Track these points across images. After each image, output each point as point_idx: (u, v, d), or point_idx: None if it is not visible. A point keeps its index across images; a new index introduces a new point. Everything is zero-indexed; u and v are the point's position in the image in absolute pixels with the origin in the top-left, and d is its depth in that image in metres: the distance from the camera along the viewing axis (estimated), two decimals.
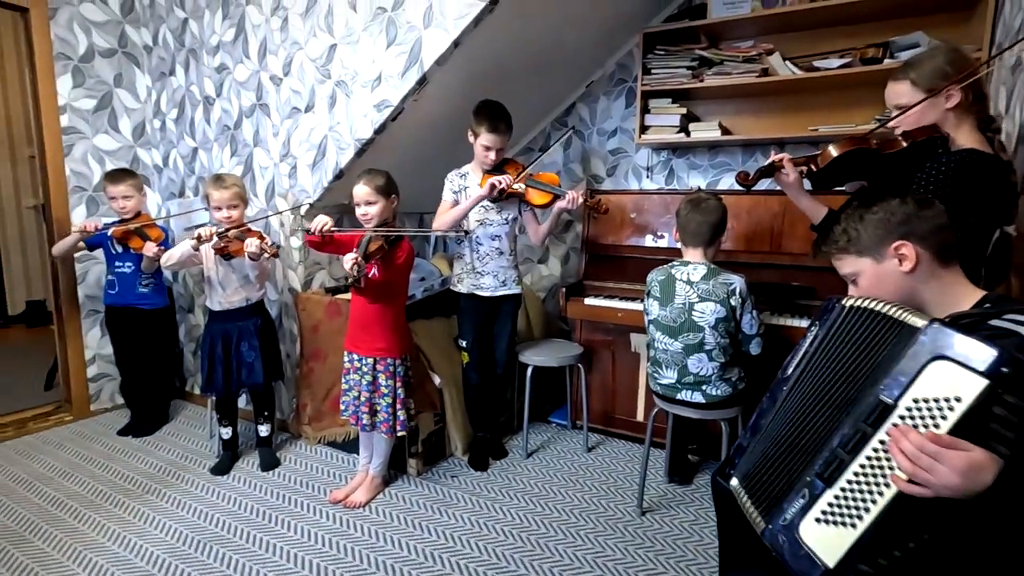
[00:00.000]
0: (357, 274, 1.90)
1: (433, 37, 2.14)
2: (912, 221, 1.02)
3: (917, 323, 0.88)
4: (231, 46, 2.77)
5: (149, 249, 2.54)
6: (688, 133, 2.72)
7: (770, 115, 2.70)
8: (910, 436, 0.80)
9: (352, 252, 1.91)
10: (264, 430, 2.57)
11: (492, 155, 2.28)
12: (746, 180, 1.80)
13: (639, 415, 2.73)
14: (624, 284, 2.73)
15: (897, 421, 0.84)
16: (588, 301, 2.67)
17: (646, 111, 2.78)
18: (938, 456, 0.76)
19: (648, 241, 2.81)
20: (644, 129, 2.79)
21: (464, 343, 2.46)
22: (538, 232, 2.44)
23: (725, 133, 2.71)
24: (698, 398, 2.01)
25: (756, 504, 1.07)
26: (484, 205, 2.33)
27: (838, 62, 2.37)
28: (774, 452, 1.07)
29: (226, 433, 2.52)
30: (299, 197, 2.70)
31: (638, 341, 2.66)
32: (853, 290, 1.11)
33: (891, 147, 1.49)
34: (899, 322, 0.92)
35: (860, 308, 1.02)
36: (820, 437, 0.98)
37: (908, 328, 0.89)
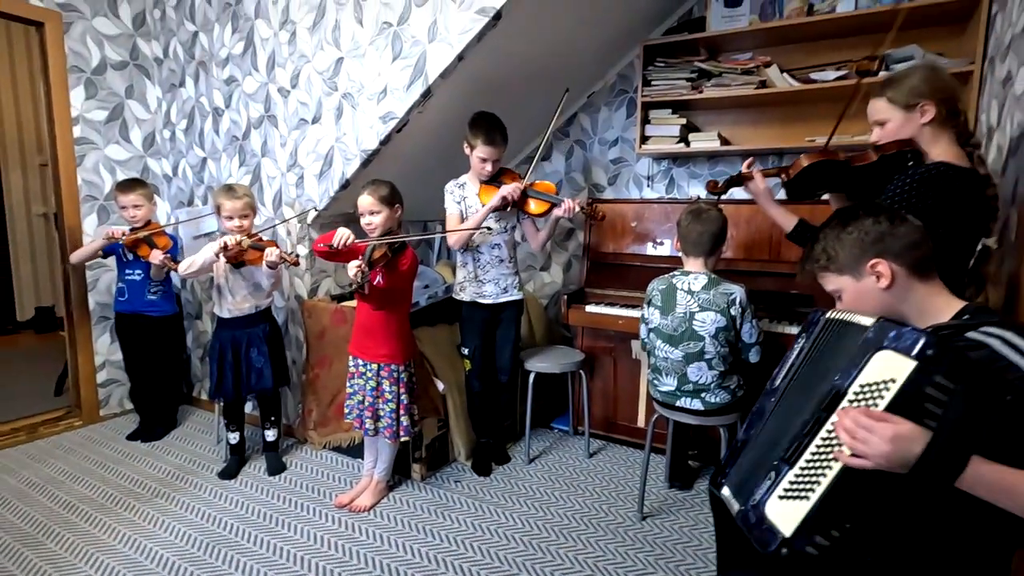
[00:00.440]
0: (361, 281, 1.94)
1: (437, 51, 2.20)
2: (886, 239, 1.06)
3: (866, 323, 1.00)
4: (240, 59, 2.84)
5: (155, 257, 2.59)
6: (688, 143, 2.77)
7: (768, 125, 2.75)
8: (850, 413, 0.90)
9: (357, 260, 1.95)
10: (271, 435, 2.61)
11: (488, 166, 2.33)
12: (715, 188, 1.86)
13: (640, 421, 2.76)
14: (625, 292, 2.77)
15: (846, 405, 0.94)
16: (589, 308, 2.71)
17: (646, 122, 2.82)
18: (871, 428, 0.86)
19: (648, 249, 2.85)
20: (644, 139, 2.84)
21: (466, 350, 2.50)
22: (537, 239, 2.48)
23: (724, 143, 2.75)
24: (697, 405, 2.04)
25: (741, 504, 1.13)
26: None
27: (834, 74, 2.41)
28: (761, 458, 1.12)
29: (234, 438, 2.57)
30: (305, 206, 2.75)
31: (639, 348, 2.70)
32: (839, 305, 1.15)
33: (861, 160, 1.55)
34: (857, 325, 1.03)
35: (836, 319, 1.09)
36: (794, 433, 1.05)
37: (860, 327, 1.01)
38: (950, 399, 0.85)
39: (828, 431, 0.96)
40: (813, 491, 0.94)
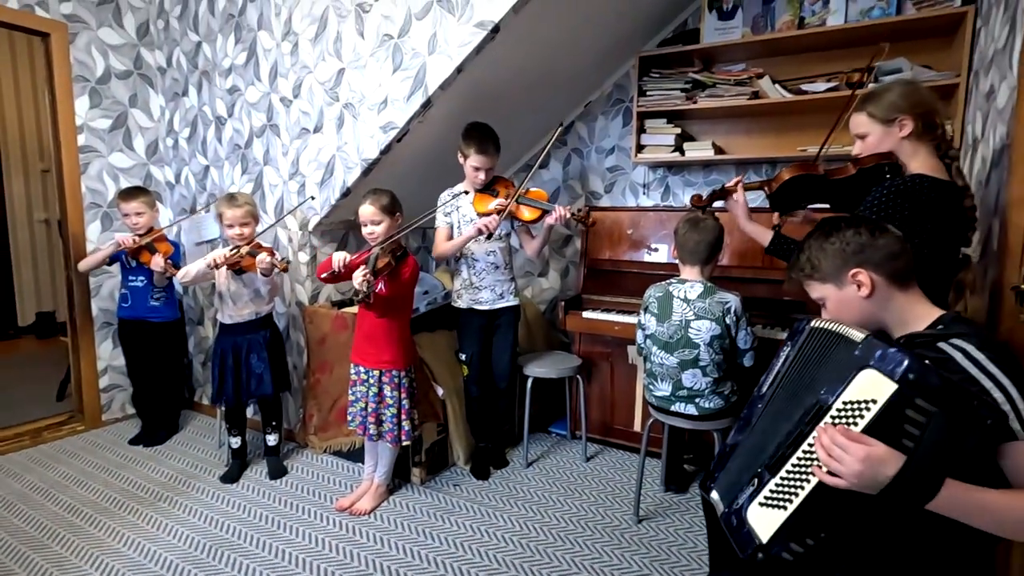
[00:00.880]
0: (367, 289, 1.97)
1: (437, 63, 2.25)
2: (866, 250, 1.10)
3: (856, 337, 1.02)
4: (243, 69, 2.89)
5: (156, 263, 2.63)
6: (683, 152, 2.82)
7: (761, 135, 2.80)
8: (828, 431, 0.93)
9: (361, 268, 1.99)
10: (272, 440, 2.64)
11: (482, 175, 2.37)
12: (700, 202, 1.93)
13: (636, 426, 2.80)
14: (621, 298, 2.81)
15: (828, 420, 0.97)
16: (586, 314, 2.75)
17: (642, 131, 2.88)
18: (845, 448, 0.89)
19: (645, 256, 2.90)
20: (640, 148, 2.89)
21: (464, 356, 2.53)
22: (532, 246, 2.52)
23: (718, 152, 2.81)
24: (691, 410, 2.08)
25: (725, 507, 1.18)
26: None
27: (824, 85, 2.47)
28: (747, 464, 1.16)
29: (235, 442, 2.60)
30: (307, 214, 2.79)
31: (635, 353, 2.74)
32: (824, 313, 1.19)
33: (840, 173, 1.61)
34: (844, 337, 1.05)
35: (821, 328, 1.13)
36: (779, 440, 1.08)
37: (849, 342, 1.03)
38: (929, 422, 0.87)
39: (809, 444, 0.99)
40: (791, 502, 0.97)
